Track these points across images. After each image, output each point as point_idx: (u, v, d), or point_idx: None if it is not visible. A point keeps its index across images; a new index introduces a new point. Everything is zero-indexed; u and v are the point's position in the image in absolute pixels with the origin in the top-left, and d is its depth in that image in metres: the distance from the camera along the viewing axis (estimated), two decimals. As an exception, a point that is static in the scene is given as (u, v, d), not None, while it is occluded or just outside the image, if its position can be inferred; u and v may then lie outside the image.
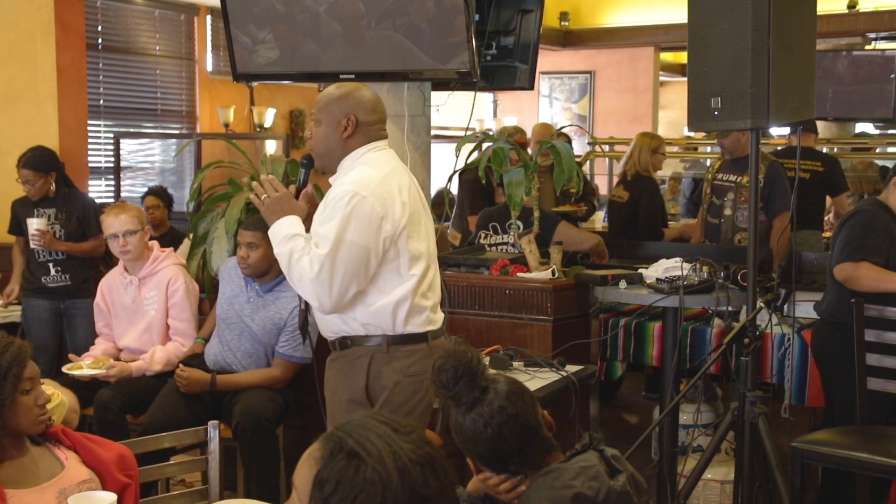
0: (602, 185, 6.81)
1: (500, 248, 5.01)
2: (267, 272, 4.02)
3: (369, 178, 2.87)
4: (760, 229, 5.01)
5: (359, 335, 2.95)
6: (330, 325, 3.00)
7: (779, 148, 6.81)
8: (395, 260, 2.89)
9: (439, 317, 3.07)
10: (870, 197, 5.01)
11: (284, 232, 2.89)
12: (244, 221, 4.08)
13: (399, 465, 1.34)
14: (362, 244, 2.82)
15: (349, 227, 2.81)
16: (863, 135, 9.38)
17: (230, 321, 4.09)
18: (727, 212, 5.32)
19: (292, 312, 3.90)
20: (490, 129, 10.00)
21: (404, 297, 2.90)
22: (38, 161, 5.14)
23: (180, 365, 4.00)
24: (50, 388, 2.61)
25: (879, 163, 8.20)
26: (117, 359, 4.34)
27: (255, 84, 8.80)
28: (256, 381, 3.97)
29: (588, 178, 6.59)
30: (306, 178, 3.08)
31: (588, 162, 8.34)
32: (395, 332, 2.92)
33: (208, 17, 9.22)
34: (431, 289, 3.01)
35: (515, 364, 3.80)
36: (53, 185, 5.19)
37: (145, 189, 6.52)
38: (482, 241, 5.09)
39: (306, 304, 3.13)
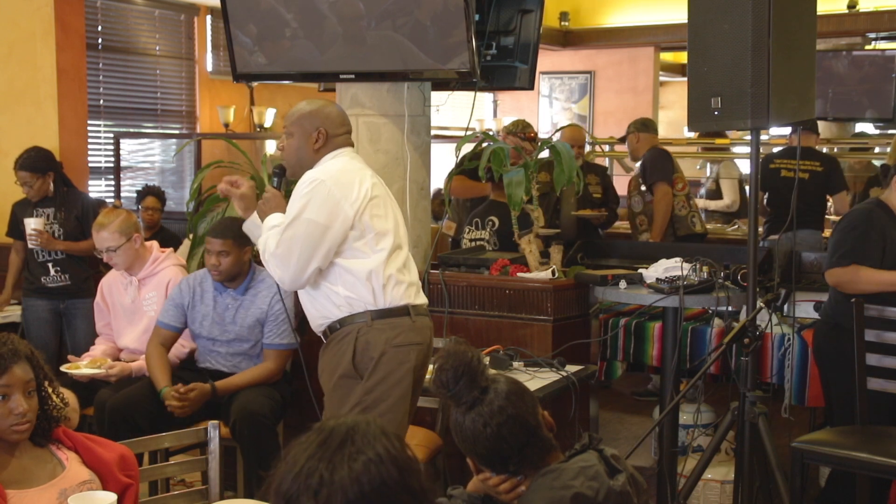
0: (621, 187, 6.76)
1: (475, 242, 5.11)
2: (238, 275, 4.05)
3: (330, 167, 3.16)
4: (647, 208, 6.13)
5: (344, 316, 3.13)
6: (321, 311, 3.18)
7: (776, 150, 6.82)
8: (362, 237, 3.11)
9: (422, 298, 3.27)
10: (871, 197, 5.02)
11: (270, 224, 3.18)
12: (211, 229, 4.06)
13: (316, 460, 1.36)
14: (320, 222, 3.05)
15: (308, 207, 3.06)
16: (862, 135, 9.38)
17: (212, 335, 4.07)
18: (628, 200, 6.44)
19: (271, 304, 3.98)
20: (490, 129, 9.99)
21: (376, 269, 3.10)
22: (34, 162, 5.13)
23: (173, 394, 3.80)
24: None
25: (877, 163, 8.19)
26: (117, 359, 4.34)
27: (255, 84, 8.80)
28: (254, 379, 3.97)
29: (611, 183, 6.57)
30: (279, 185, 3.32)
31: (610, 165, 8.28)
32: (378, 307, 3.11)
33: (208, 17, 9.22)
34: (407, 268, 3.22)
35: (515, 364, 3.80)
36: (52, 185, 5.18)
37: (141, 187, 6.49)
38: (465, 235, 5.26)
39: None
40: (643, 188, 6.20)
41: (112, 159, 7.71)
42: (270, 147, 8.86)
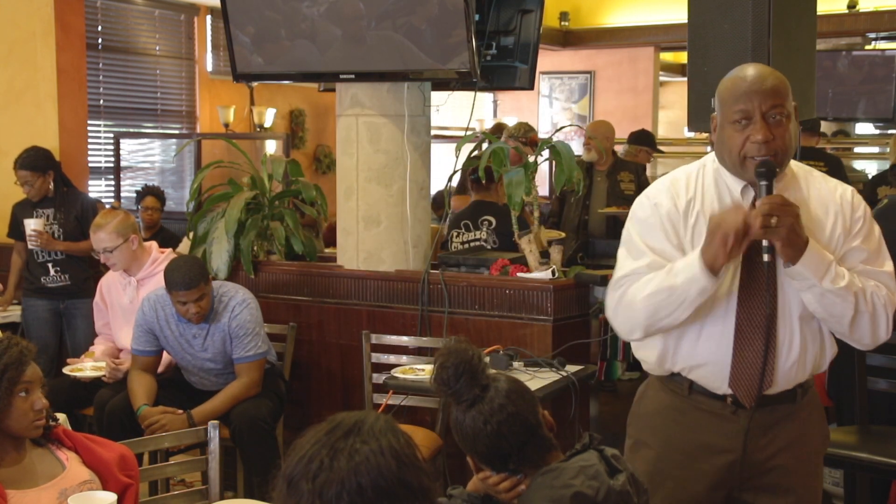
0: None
1: (471, 243, 5.05)
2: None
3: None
4: None
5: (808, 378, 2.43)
6: (810, 367, 2.40)
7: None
8: None
9: None
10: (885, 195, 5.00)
11: (829, 259, 2.24)
12: (180, 282, 3.77)
13: (320, 446, 1.39)
14: None
15: None
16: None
17: (185, 359, 4.01)
18: None
19: (230, 322, 3.89)
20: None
21: None
22: (33, 161, 5.12)
23: (150, 418, 3.75)
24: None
25: (872, 163, 8.20)
26: (117, 358, 4.33)
27: (255, 84, 8.80)
28: (233, 397, 3.87)
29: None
30: (769, 192, 2.22)
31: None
32: None
33: (208, 17, 9.23)
34: None
35: (515, 364, 3.80)
36: (52, 184, 5.18)
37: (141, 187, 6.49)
38: (454, 240, 5.11)
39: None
40: None
41: (112, 159, 7.71)
42: (270, 147, 8.86)
